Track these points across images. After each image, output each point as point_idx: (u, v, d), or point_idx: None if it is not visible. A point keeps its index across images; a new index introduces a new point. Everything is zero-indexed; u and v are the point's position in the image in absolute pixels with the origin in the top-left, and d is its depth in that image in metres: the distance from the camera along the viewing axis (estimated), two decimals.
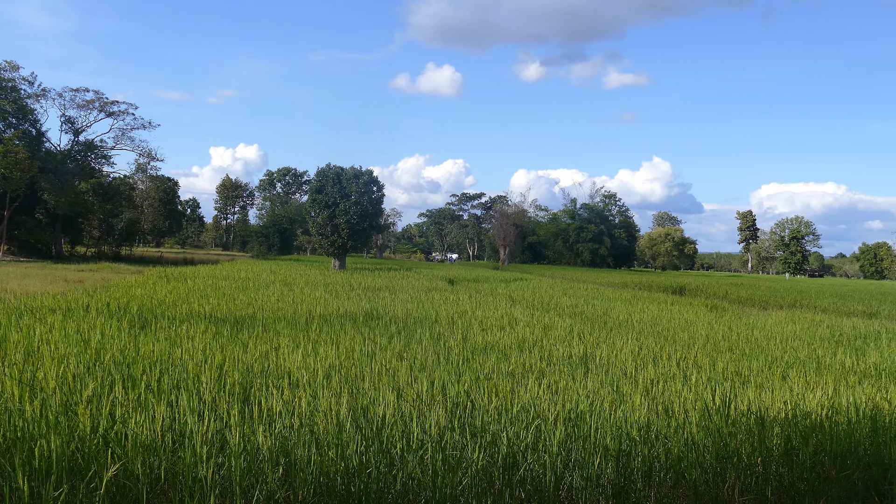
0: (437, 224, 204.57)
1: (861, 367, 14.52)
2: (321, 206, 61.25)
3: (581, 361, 12.69)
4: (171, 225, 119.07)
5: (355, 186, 60.70)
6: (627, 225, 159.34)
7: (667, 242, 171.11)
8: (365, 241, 65.63)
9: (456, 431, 6.83)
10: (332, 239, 60.81)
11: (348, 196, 60.58)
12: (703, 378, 11.20)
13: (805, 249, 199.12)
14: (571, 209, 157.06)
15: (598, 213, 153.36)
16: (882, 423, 7.89)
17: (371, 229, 64.34)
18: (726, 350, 16.24)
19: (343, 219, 60.03)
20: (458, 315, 19.89)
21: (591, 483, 6.55)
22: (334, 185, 60.70)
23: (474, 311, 21.69)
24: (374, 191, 62.80)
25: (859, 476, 7.18)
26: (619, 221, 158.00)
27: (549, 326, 18.26)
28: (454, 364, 11.10)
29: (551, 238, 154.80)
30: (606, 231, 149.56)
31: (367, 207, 61.39)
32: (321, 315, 18.02)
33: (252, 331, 14.15)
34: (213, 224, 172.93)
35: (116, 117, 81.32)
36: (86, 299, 18.75)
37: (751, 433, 7.45)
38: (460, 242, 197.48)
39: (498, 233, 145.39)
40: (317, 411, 7.44)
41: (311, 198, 63.18)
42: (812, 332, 21.88)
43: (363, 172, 61.87)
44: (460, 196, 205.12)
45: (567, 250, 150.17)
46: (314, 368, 10.17)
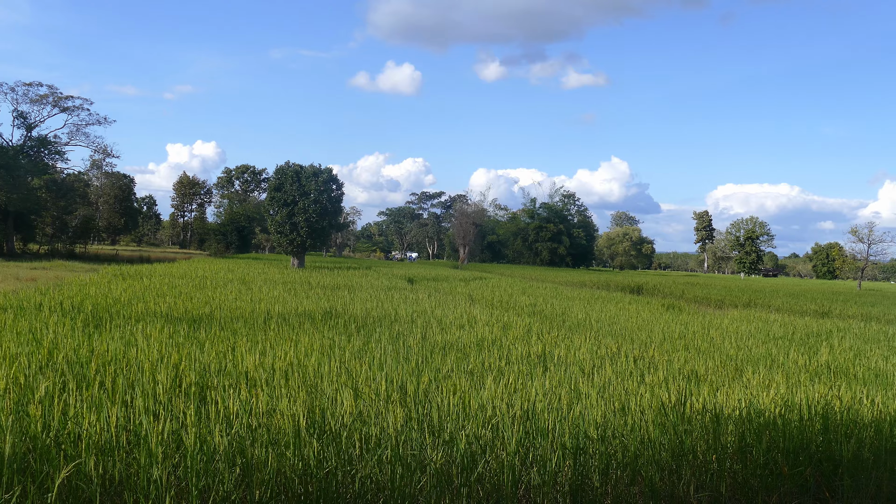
0: (397, 223, 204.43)
1: (813, 365, 14.77)
2: (280, 204, 60.85)
3: (539, 360, 12.75)
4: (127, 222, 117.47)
5: (314, 184, 60.39)
6: (586, 224, 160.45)
7: (625, 242, 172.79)
8: (324, 239, 65.32)
9: (414, 430, 6.83)
10: (291, 237, 60.44)
11: (307, 194, 60.24)
12: (660, 376, 11.31)
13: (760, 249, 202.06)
14: (531, 209, 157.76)
15: (557, 213, 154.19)
16: (833, 420, 8.03)
17: (330, 228, 64.08)
18: (682, 349, 16.42)
19: (302, 217, 59.69)
20: (417, 314, 19.87)
21: (549, 481, 6.58)
22: (293, 183, 60.33)
23: (434, 310, 21.68)
24: (334, 189, 62.53)
25: (811, 472, 7.31)
26: (578, 221, 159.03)
27: (508, 325, 18.32)
28: (413, 363, 11.08)
29: (511, 237, 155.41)
30: (565, 230, 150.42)
31: (326, 206, 61.11)
32: (279, 314, 17.89)
33: (209, 330, 14.01)
34: (170, 222, 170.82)
35: (71, 112, 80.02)
36: (38, 298, 18.42)
37: (706, 431, 7.55)
38: (420, 241, 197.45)
39: (458, 232, 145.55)
40: (274, 411, 7.39)
41: (269, 196, 62.74)
42: (766, 330, 22.21)
43: (322, 170, 61.58)
44: (420, 195, 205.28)
45: (526, 249, 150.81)
46: (272, 368, 10.09)
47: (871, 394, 10.00)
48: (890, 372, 14.05)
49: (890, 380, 13.21)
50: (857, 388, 10.91)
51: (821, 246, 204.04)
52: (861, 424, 8.05)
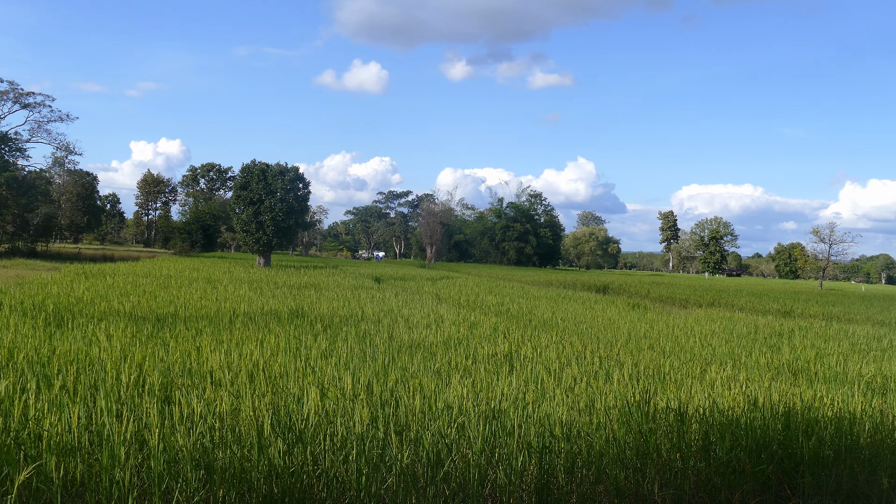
0: (364, 222, 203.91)
1: (776, 364, 14.97)
2: (246, 203, 60.44)
3: (506, 359, 12.78)
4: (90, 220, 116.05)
5: (281, 183, 60.07)
6: (552, 224, 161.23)
7: (591, 242, 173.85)
8: (290, 238, 64.98)
9: (380, 430, 6.82)
10: (257, 236, 60.06)
11: (274, 193, 59.92)
12: (625, 375, 11.39)
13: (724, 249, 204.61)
14: (498, 208, 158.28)
15: (523, 213, 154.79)
16: (794, 419, 8.14)
17: (297, 227, 63.78)
18: (648, 348, 16.56)
19: (268, 216, 59.34)
20: (384, 313, 19.85)
21: (515, 480, 6.60)
22: (259, 181, 59.96)
23: (400, 309, 21.66)
24: (300, 188, 62.25)
25: (773, 470, 7.40)
26: (545, 220, 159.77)
27: (474, 324, 18.36)
28: (380, 362, 11.06)
29: (478, 237, 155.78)
30: (532, 230, 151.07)
31: (292, 204, 60.81)
32: (245, 313, 17.77)
33: (174, 329, 13.88)
34: (134, 220, 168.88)
35: (32, 109, 78.75)
36: None
37: (670, 429, 7.61)
38: (387, 240, 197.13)
39: (425, 231, 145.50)
40: (239, 411, 7.34)
41: (235, 194, 62.29)
42: (730, 329, 22.47)
43: (289, 169, 61.26)
44: (387, 194, 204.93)
45: (493, 249, 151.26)
46: (237, 367, 10.03)
47: (832, 392, 10.16)
48: (850, 371, 14.28)
49: (849, 378, 13.42)
50: (817, 386, 11.08)
51: (783, 246, 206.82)
52: (821, 422, 8.17)
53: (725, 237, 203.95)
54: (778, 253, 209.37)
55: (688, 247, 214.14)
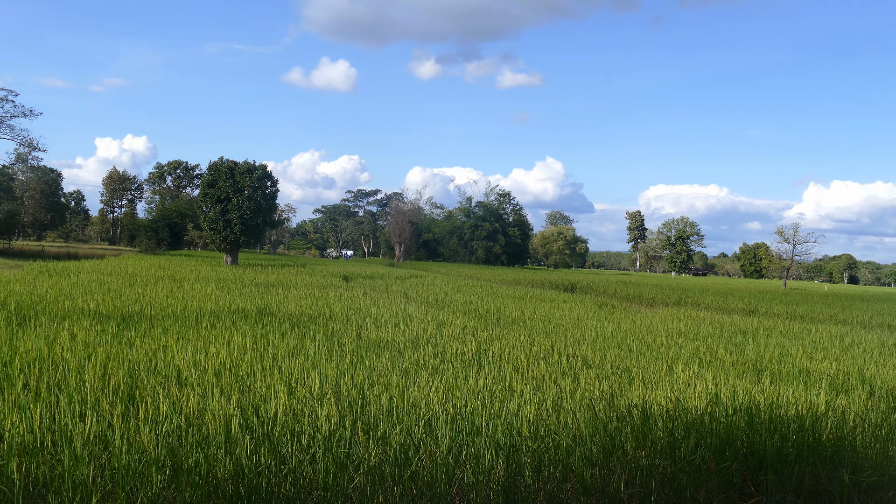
0: (333, 220, 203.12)
1: (740, 362, 15.12)
2: (213, 201, 59.95)
3: (474, 358, 12.80)
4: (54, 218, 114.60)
5: (249, 181, 59.67)
6: (521, 223, 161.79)
7: (559, 241, 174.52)
8: (258, 236, 64.57)
9: (348, 429, 6.80)
10: (225, 234, 59.61)
11: (241, 191, 59.50)
12: (592, 374, 11.46)
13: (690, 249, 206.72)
14: (467, 207, 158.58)
15: (492, 212, 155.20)
16: (758, 417, 8.24)
17: (265, 225, 63.41)
18: (615, 346, 16.66)
19: (236, 214, 58.93)
20: (352, 312, 19.80)
21: (483, 478, 6.62)
22: (227, 179, 59.50)
23: (369, 308, 21.62)
24: (268, 186, 61.89)
25: (737, 467, 7.49)
26: (513, 220, 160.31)
27: (443, 323, 18.37)
28: (348, 361, 11.04)
29: (446, 235, 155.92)
30: (501, 229, 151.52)
31: (260, 202, 60.43)
32: (212, 312, 17.63)
33: (139, 328, 13.74)
34: (99, 217, 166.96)
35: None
36: None
37: (636, 428, 7.67)
38: (356, 239, 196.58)
39: (393, 230, 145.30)
40: (206, 410, 7.28)
41: (202, 192, 61.73)
42: (695, 328, 22.67)
43: (257, 167, 60.87)
44: (356, 192, 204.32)
45: (462, 248, 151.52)
46: (204, 366, 9.95)
47: (795, 390, 10.29)
48: (812, 369, 14.47)
49: (812, 377, 13.61)
50: (781, 384, 11.22)
51: (748, 246, 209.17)
52: (785, 420, 8.27)
53: (692, 237, 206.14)
54: (743, 253, 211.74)
55: (655, 246, 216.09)
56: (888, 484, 8.00)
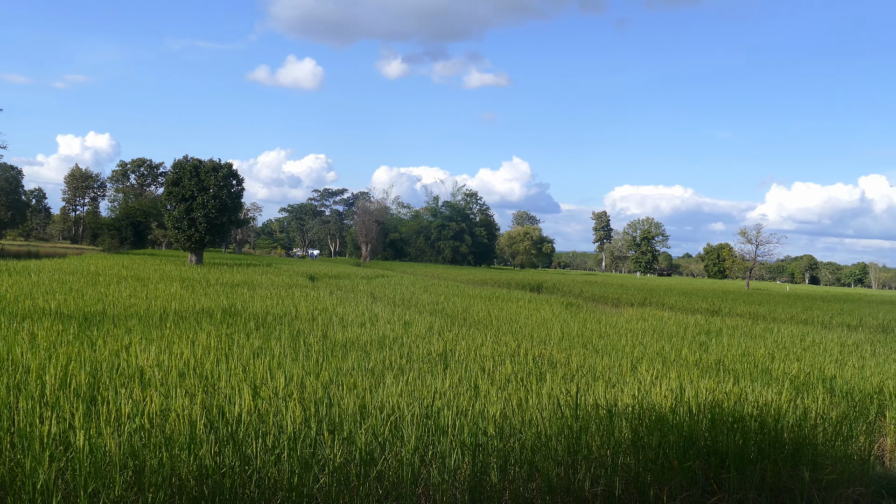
0: (299, 219, 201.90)
1: (704, 362, 15.28)
2: (178, 199, 59.35)
3: (440, 358, 12.81)
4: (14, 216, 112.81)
5: (214, 179, 59.17)
6: (488, 223, 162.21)
7: (525, 241, 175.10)
8: (223, 235, 64.05)
9: (313, 429, 6.77)
10: (189, 233, 59.06)
11: (206, 189, 58.99)
12: (558, 373, 11.52)
13: (655, 249, 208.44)
14: (433, 207, 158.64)
15: (459, 212, 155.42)
16: (720, 415, 8.33)
17: (230, 224, 62.93)
18: (580, 346, 16.76)
19: (201, 212, 58.40)
20: (318, 312, 19.71)
21: (448, 478, 6.63)
22: (192, 177, 58.94)
23: (335, 307, 21.54)
24: (234, 184, 61.41)
25: (699, 465, 7.57)
26: (480, 220, 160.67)
27: (409, 323, 18.35)
28: (313, 361, 10.99)
29: (413, 235, 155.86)
30: (467, 229, 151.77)
31: (225, 201, 59.94)
32: (176, 311, 17.46)
33: (102, 328, 13.57)
34: (61, 216, 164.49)
35: None
36: None
37: (601, 426, 7.72)
38: (322, 238, 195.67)
39: (360, 229, 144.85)
40: (169, 411, 7.21)
41: (167, 190, 61.10)
42: (660, 328, 22.86)
43: (222, 165, 60.38)
44: (322, 192, 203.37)
45: (429, 247, 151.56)
46: (168, 366, 9.85)
47: (756, 389, 10.42)
48: (774, 368, 14.66)
49: (774, 376, 13.79)
50: (743, 383, 11.34)
51: (712, 246, 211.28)
52: (747, 419, 8.37)
53: (657, 237, 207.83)
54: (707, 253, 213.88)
55: (620, 247, 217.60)
56: (847, 481, 8.14)
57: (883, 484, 9.09)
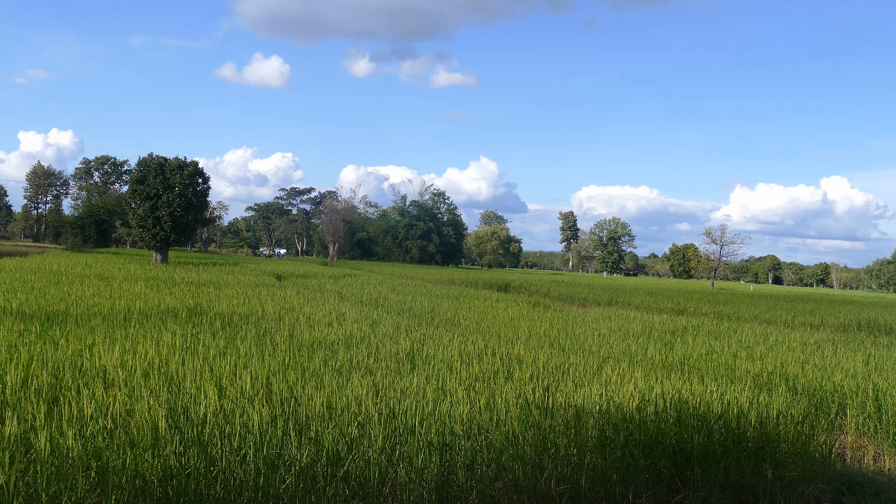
0: (265, 218, 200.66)
1: (669, 361, 15.41)
2: (142, 198, 58.70)
3: (408, 357, 12.79)
4: None
5: (179, 178, 58.61)
6: (455, 223, 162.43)
7: (493, 241, 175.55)
8: (189, 234, 63.46)
9: (279, 429, 6.74)
10: (154, 232, 58.44)
11: (172, 188, 58.41)
12: (525, 372, 11.55)
13: (621, 249, 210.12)
14: (401, 206, 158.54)
15: (427, 211, 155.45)
16: (685, 414, 8.41)
17: (196, 222, 62.36)
18: (547, 345, 16.82)
19: (166, 211, 57.83)
20: (285, 311, 19.61)
21: (416, 477, 6.62)
22: (157, 175, 58.33)
23: (302, 307, 21.43)
24: (200, 183, 60.88)
25: (665, 463, 7.64)
26: (448, 219, 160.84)
27: (377, 323, 18.31)
28: (280, 360, 10.93)
29: (381, 235, 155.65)
30: (435, 228, 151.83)
31: (191, 200, 59.40)
32: (141, 311, 17.28)
33: (65, 327, 13.39)
34: (22, 214, 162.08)
35: None
36: None
37: (568, 426, 7.76)
38: (289, 237, 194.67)
39: (327, 228, 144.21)
40: (133, 411, 7.13)
41: (131, 188, 60.40)
42: (626, 328, 23.01)
43: (188, 164, 59.82)
44: (289, 190, 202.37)
45: (396, 247, 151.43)
46: (132, 366, 9.74)
47: (721, 388, 10.52)
48: (738, 367, 14.82)
49: (738, 375, 13.94)
50: (708, 382, 11.45)
51: (677, 247, 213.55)
52: (711, 417, 8.46)
53: (623, 237, 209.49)
54: (672, 253, 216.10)
55: (587, 246, 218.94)
56: (809, 478, 8.26)
57: (843, 481, 9.24)
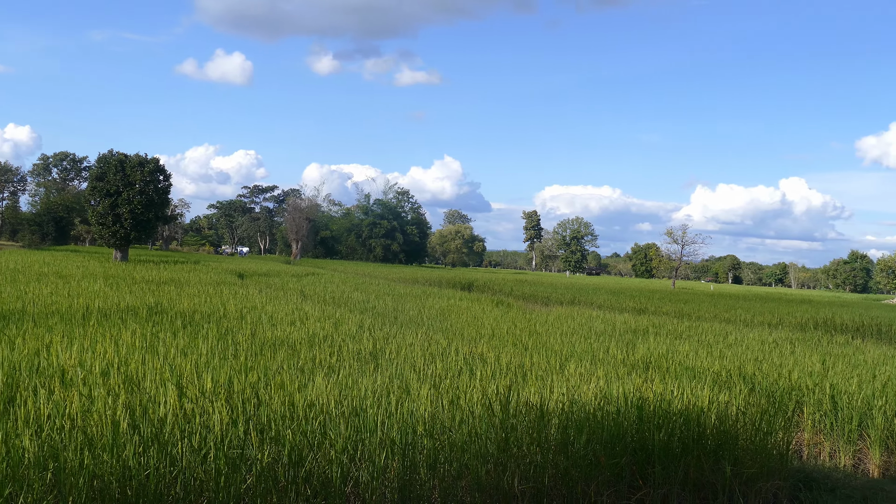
0: (228, 216, 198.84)
1: (631, 360, 15.54)
2: (102, 195, 57.92)
3: (371, 356, 12.77)
4: None
5: (140, 175, 57.91)
6: (419, 222, 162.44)
7: (457, 240, 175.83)
8: (150, 232, 62.74)
9: (240, 429, 6.69)
10: (114, 229, 57.68)
11: (132, 185, 57.70)
12: (488, 372, 11.58)
13: (584, 249, 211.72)
14: (365, 205, 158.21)
15: (391, 210, 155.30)
16: (647, 412, 8.49)
17: (156, 220, 61.65)
18: (510, 344, 16.87)
19: (126, 208, 57.12)
20: (247, 310, 19.46)
21: (378, 476, 6.61)
22: (117, 172, 57.59)
23: (264, 305, 21.29)
24: (161, 180, 60.22)
25: (626, 461, 7.71)
26: (412, 218, 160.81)
27: (340, 321, 18.24)
28: (242, 360, 10.85)
29: (344, 233, 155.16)
30: (399, 227, 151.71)
31: (152, 197, 58.73)
32: (100, 309, 17.05)
33: (21, 326, 13.18)
34: None
35: None
36: None
37: (531, 424, 7.79)
38: (251, 236, 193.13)
39: (290, 227, 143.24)
40: (91, 411, 7.04)
41: (91, 185, 59.58)
42: (588, 326, 23.16)
43: (149, 160, 59.15)
44: (252, 188, 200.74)
45: (360, 245, 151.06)
46: (91, 366, 9.61)
47: (681, 386, 10.63)
48: (698, 366, 14.99)
49: (698, 373, 14.10)
50: (669, 380, 11.57)
51: (639, 246, 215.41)
52: (672, 415, 8.55)
53: (586, 237, 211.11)
54: (634, 253, 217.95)
55: (550, 246, 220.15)
56: (767, 475, 8.39)
57: (800, 477, 9.40)
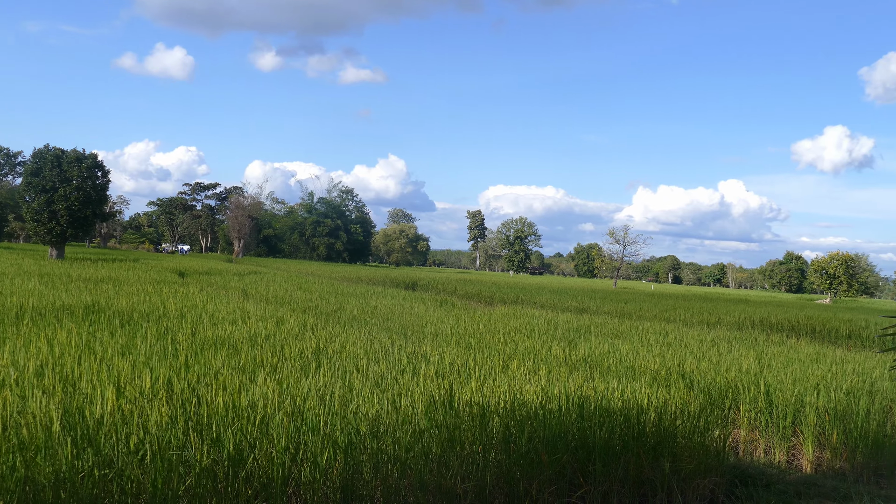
0: (168, 214, 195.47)
1: (572, 358, 15.67)
2: (38, 191, 56.62)
3: (314, 356, 12.68)
4: None
5: (77, 171, 56.76)
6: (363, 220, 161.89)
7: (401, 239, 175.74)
8: (87, 229, 61.49)
9: (180, 430, 6.58)
10: (50, 226, 56.41)
11: (69, 181, 56.50)
12: (432, 371, 11.58)
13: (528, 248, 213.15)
14: (308, 203, 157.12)
15: (334, 208, 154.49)
16: (588, 410, 8.58)
17: (94, 217, 60.47)
18: (454, 343, 16.89)
19: (63, 205, 55.90)
20: (187, 309, 19.17)
21: (320, 477, 6.57)
22: (53, 168, 56.33)
23: (205, 304, 21.01)
24: (99, 176, 59.12)
25: (568, 459, 7.78)
26: (356, 217, 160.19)
27: (282, 321, 18.08)
28: (182, 359, 10.68)
29: (287, 231, 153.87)
30: (343, 226, 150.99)
31: (90, 193, 57.61)
32: (34, 308, 16.64)
33: None
34: None
35: None
36: None
37: (473, 423, 7.82)
38: (193, 233, 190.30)
39: (233, 225, 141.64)
40: (25, 412, 6.86)
41: (25, 181, 58.21)
42: (531, 326, 23.30)
43: (86, 156, 57.99)
44: (193, 185, 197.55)
45: (303, 244, 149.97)
46: (24, 366, 9.38)
47: (622, 385, 10.76)
48: (638, 364, 15.19)
49: (638, 372, 14.29)
50: (610, 379, 11.70)
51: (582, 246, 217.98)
52: (613, 413, 8.65)
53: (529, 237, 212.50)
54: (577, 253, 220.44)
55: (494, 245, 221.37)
56: (704, 471, 8.54)
57: (736, 473, 9.60)
